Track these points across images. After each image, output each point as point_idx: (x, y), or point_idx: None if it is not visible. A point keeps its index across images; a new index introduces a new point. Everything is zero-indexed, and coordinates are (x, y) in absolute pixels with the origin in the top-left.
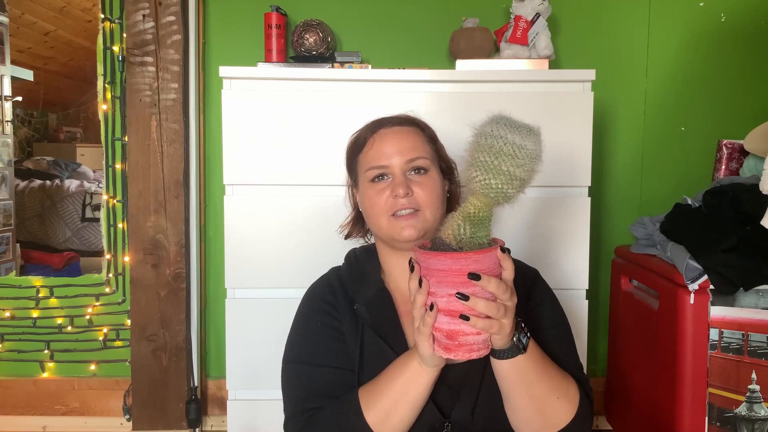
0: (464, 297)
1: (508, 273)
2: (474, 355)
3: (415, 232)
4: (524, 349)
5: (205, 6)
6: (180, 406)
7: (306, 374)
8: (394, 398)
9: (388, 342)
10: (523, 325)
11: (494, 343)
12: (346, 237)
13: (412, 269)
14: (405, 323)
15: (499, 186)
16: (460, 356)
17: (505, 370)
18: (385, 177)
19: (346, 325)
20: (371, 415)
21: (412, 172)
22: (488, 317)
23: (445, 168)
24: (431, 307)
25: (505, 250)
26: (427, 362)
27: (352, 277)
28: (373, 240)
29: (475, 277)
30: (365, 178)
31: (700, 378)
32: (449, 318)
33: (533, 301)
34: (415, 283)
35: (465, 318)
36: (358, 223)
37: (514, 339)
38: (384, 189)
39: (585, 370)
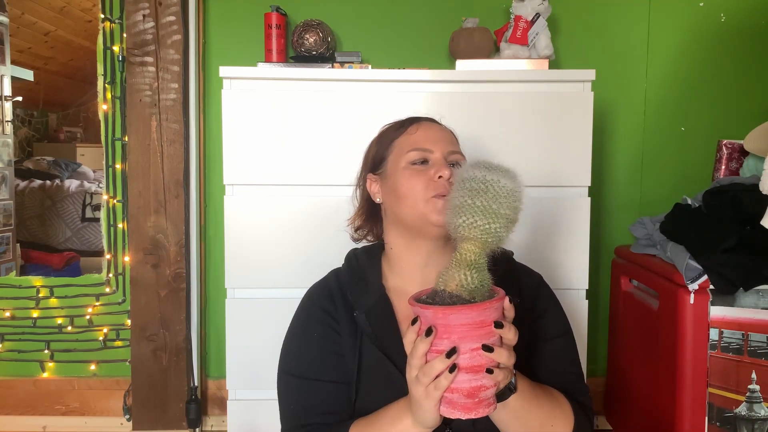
0: (489, 349)
1: (511, 317)
2: (491, 409)
3: None
4: (515, 389)
5: (205, 6)
6: (180, 406)
7: (301, 389)
8: None
9: (388, 353)
10: None
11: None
12: (356, 230)
13: (414, 321)
14: (404, 330)
15: (498, 229)
16: (480, 413)
17: (497, 411)
18: (427, 162)
19: (344, 335)
20: None
21: (451, 163)
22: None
23: None
24: (451, 369)
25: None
26: (425, 424)
27: (353, 282)
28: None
29: (498, 325)
30: (405, 160)
31: (700, 378)
32: (471, 375)
33: (538, 309)
34: (412, 338)
35: (489, 371)
36: (371, 217)
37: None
38: (425, 170)
39: (585, 370)
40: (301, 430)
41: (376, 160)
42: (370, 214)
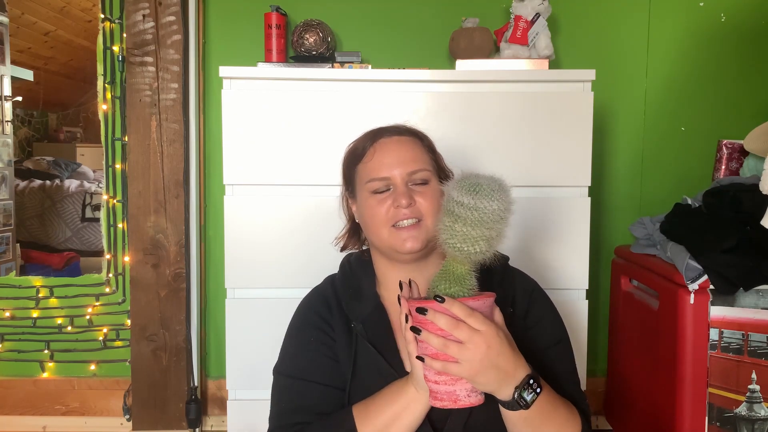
0: (416, 330)
1: (473, 321)
2: (438, 404)
3: (418, 244)
4: (526, 406)
5: (205, 6)
6: (180, 406)
7: (295, 389)
8: (388, 421)
9: (384, 357)
10: (531, 381)
11: (486, 391)
12: (342, 249)
13: (401, 286)
14: (399, 339)
15: (479, 250)
16: (432, 403)
17: (509, 416)
18: (389, 188)
19: (339, 342)
20: None
21: (413, 183)
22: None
23: (444, 177)
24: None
25: (442, 300)
26: (421, 386)
27: (348, 293)
28: (366, 246)
29: (421, 311)
30: (366, 189)
31: (700, 378)
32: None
33: (533, 317)
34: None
35: (420, 358)
36: (353, 235)
37: (515, 395)
38: (386, 199)
39: (585, 370)
40: (293, 428)
41: (348, 181)
42: (354, 232)
